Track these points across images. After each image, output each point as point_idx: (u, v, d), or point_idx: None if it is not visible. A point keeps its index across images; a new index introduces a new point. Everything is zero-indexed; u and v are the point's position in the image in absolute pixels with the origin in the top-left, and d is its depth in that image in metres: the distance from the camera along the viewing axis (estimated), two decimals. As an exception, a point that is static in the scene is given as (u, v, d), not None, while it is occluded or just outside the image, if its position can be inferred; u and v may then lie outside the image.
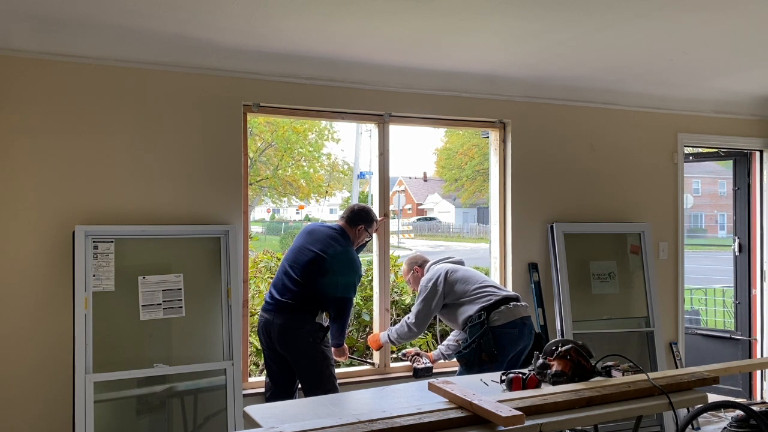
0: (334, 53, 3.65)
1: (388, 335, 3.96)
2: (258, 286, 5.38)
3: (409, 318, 3.83)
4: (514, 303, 3.67)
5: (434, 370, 4.07)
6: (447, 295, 3.78)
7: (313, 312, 3.58)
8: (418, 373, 4.02)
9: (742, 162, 5.45)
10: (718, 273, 11.48)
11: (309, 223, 3.94)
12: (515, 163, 4.47)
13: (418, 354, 4.14)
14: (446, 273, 3.82)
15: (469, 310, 3.66)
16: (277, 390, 3.65)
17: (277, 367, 3.65)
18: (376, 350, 4.14)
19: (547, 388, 2.69)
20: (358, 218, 3.86)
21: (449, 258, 4.08)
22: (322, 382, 3.51)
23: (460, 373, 3.62)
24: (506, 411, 2.23)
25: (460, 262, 4.04)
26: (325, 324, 3.66)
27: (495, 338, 3.52)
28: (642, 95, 4.74)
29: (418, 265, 4.12)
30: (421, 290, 3.87)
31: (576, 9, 3.00)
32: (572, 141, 4.65)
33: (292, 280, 3.61)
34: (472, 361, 3.54)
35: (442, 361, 4.14)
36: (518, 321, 3.61)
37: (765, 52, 3.74)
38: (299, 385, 3.68)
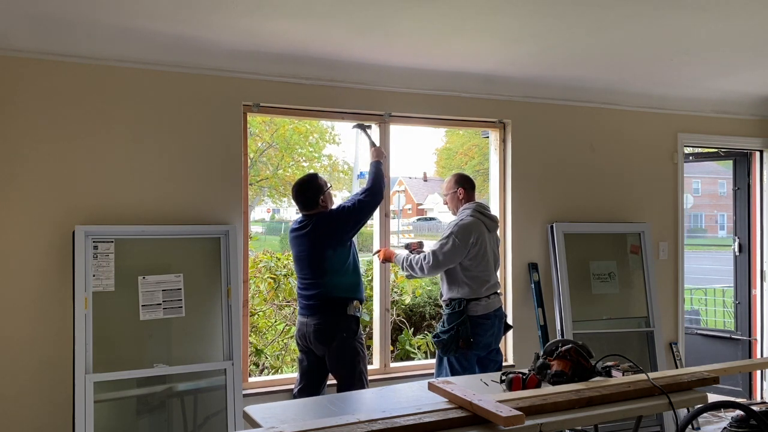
0: (334, 53, 3.65)
1: (403, 259, 3.82)
2: (258, 286, 5.36)
3: (426, 258, 3.69)
4: (493, 295, 3.80)
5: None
6: (468, 260, 3.72)
7: (342, 307, 3.55)
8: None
9: (742, 162, 5.45)
10: (718, 273, 11.48)
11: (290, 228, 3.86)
12: (515, 163, 4.47)
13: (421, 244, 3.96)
14: (481, 248, 3.71)
15: (461, 291, 3.70)
16: (307, 388, 3.64)
17: (308, 365, 3.64)
18: (382, 260, 4.04)
19: (547, 388, 2.69)
20: (312, 197, 3.64)
21: (486, 211, 3.85)
22: (353, 382, 3.54)
23: (438, 357, 3.78)
24: (506, 411, 2.23)
25: (494, 219, 3.88)
26: (357, 314, 3.61)
27: (472, 326, 3.67)
28: (642, 95, 4.74)
29: (463, 187, 3.90)
30: (455, 231, 3.69)
31: (576, 9, 2.99)
32: (572, 141, 4.65)
33: (307, 284, 3.60)
34: (449, 346, 3.67)
35: (404, 255, 3.88)
36: (492, 313, 3.76)
37: (765, 52, 3.74)
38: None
